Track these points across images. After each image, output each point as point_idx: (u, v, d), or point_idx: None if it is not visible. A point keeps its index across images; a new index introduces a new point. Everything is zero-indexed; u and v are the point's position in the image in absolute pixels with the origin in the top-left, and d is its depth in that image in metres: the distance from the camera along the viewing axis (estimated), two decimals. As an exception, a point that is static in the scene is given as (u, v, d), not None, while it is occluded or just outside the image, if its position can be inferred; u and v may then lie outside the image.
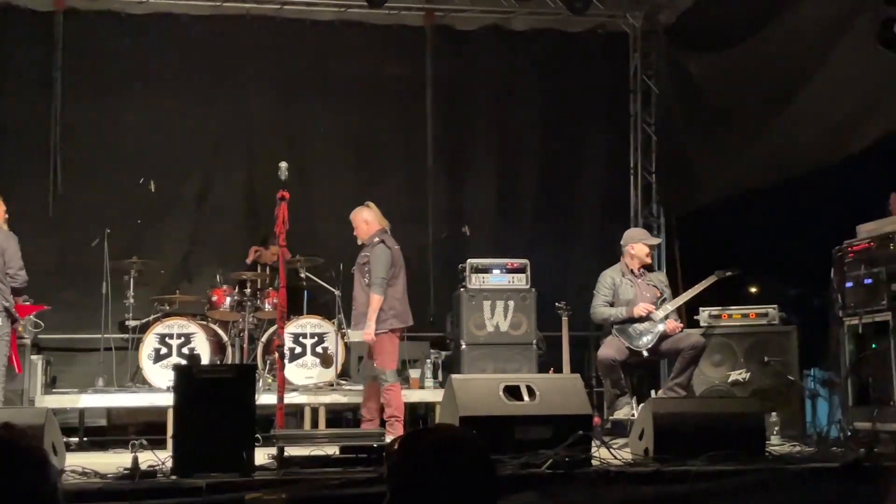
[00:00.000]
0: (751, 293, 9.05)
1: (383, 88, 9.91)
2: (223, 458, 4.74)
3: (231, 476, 4.63)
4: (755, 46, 7.89)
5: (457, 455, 1.78)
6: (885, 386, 6.16)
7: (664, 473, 4.89)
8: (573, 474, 4.81)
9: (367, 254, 7.27)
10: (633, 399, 7.06)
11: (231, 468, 4.68)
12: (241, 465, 4.71)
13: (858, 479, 4.98)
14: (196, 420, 4.84)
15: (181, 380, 4.97)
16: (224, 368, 6.09)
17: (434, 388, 8.07)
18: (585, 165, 10.46)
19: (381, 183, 9.83)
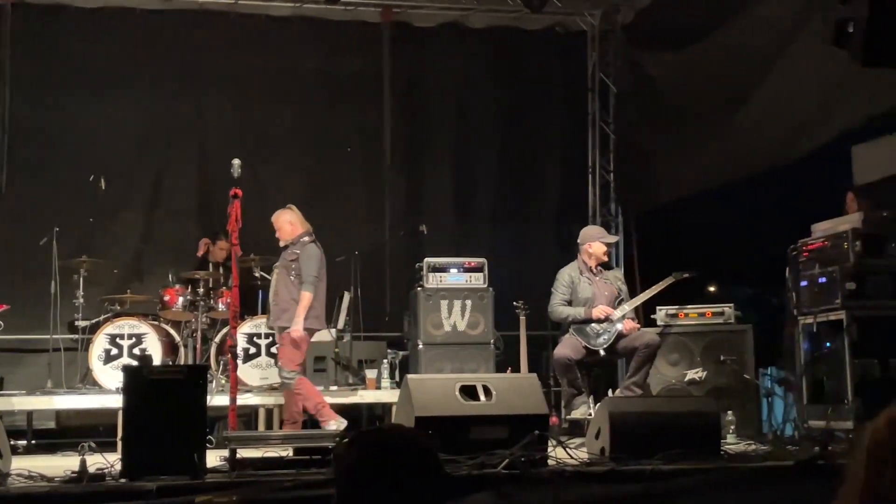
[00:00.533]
0: (709, 292, 9.13)
1: (340, 85, 9.87)
2: (174, 460, 4.68)
3: (181, 479, 4.57)
4: (712, 45, 7.97)
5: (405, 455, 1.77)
6: (838, 384, 6.25)
7: (620, 473, 4.90)
8: (529, 474, 4.80)
9: (298, 251, 7.27)
10: (590, 398, 7.10)
11: (182, 471, 4.63)
12: (192, 468, 4.65)
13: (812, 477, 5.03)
14: (146, 422, 4.78)
15: (131, 381, 4.90)
16: (175, 369, 6.02)
17: (391, 389, 8.05)
18: (544, 164, 10.50)
19: (337, 181, 9.82)
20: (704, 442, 5.46)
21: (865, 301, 6.28)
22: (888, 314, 6.30)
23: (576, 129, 10.57)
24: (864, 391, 6.10)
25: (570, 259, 7.68)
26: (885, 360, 6.24)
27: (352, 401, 8.14)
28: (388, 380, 8.22)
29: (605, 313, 7.23)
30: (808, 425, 6.43)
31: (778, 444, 6.22)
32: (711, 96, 8.16)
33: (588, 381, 7.39)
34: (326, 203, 9.72)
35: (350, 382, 8.38)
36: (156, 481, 4.48)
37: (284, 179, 9.66)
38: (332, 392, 8.10)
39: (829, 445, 5.76)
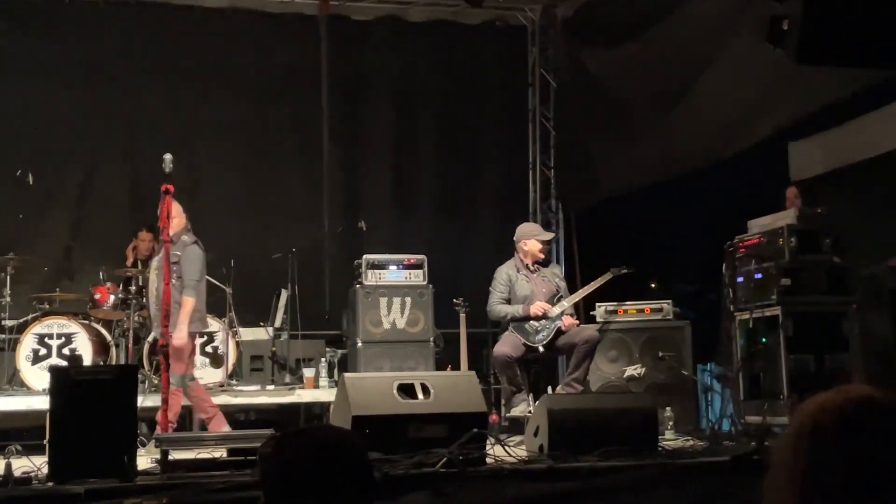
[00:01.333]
0: (651, 288, 9.25)
1: (277, 78, 9.80)
2: (103, 462, 4.61)
3: (111, 482, 4.51)
4: (651, 41, 8.06)
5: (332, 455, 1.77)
6: (775, 380, 6.37)
7: (558, 470, 4.95)
8: (467, 473, 4.83)
9: (179, 253, 6.88)
10: (529, 396, 7.14)
11: (111, 473, 4.56)
12: (122, 470, 4.59)
13: (749, 472, 5.12)
14: (74, 424, 4.70)
15: (58, 382, 4.82)
16: (104, 370, 5.94)
17: (329, 388, 8.03)
18: (484, 160, 10.54)
19: (274, 176, 9.75)
20: (642, 438, 5.53)
21: (800, 297, 6.40)
22: (823, 309, 6.44)
23: (516, 124, 10.63)
24: (800, 386, 6.22)
25: (511, 256, 7.72)
26: (820, 355, 6.37)
27: (289, 400, 8.10)
28: (327, 379, 8.20)
29: (543, 310, 7.29)
30: (744, 421, 6.54)
31: (715, 440, 6.33)
32: (649, 93, 8.26)
33: (528, 379, 7.43)
34: (263, 199, 9.67)
35: (287, 382, 8.34)
36: (84, 484, 4.42)
37: (219, 175, 9.58)
38: (269, 391, 8.06)
39: (765, 441, 5.89)
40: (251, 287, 8.71)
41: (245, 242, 9.12)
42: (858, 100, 6.98)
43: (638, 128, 8.55)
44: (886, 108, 7.24)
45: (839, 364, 6.35)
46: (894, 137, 7.11)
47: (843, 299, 6.49)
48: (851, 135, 7.62)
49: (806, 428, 1.46)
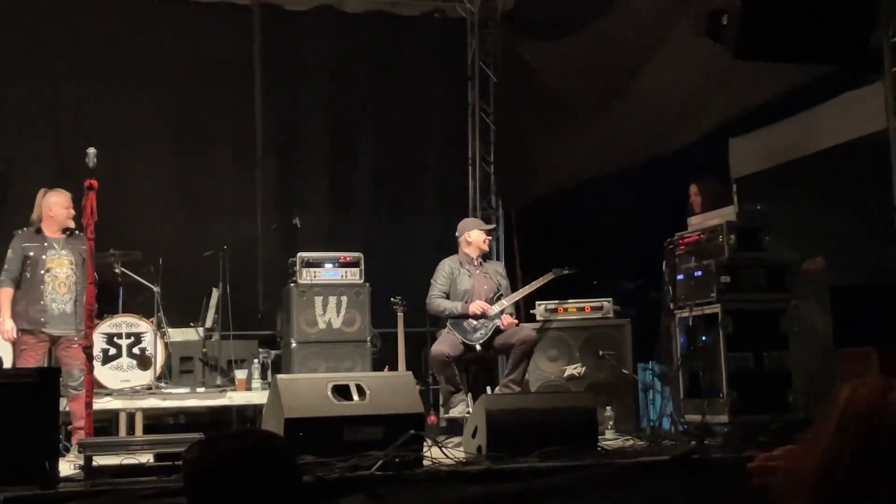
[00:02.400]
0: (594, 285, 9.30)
1: (208, 70, 9.69)
2: (23, 469, 4.54)
3: (31, 489, 4.45)
4: (591, 34, 8.12)
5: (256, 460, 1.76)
6: (714, 378, 6.47)
7: (496, 472, 4.99)
8: (403, 475, 4.85)
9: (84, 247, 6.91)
10: (468, 396, 7.18)
11: (32, 480, 4.50)
12: (44, 477, 4.53)
13: (688, 471, 5.21)
14: (-7, 430, 4.62)
15: (-26, 386, 4.73)
16: (24, 373, 5.82)
17: (262, 390, 7.96)
18: (423, 155, 10.55)
19: (205, 170, 9.66)
20: (582, 438, 5.60)
21: (740, 294, 6.51)
22: (762, 307, 6.56)
23: (456, 118, 10.65)
24: (739, 384, 6.34)
25: (451, 254, 7.75)
26: (759, 353, 6.48)
27: (220, 403, 8.03)
28: (260, 380, 8.14)
29: (482, 309, 7.33)
30: (684, 420, 6.65)
31: (654, 439, 6.42)
32: (589, 87, 8.33)
33: (467, 379, 7.48)
34: (193, 194, 9.58)
35: (218, 384, 8.27)
36: (3, 492, 4.35)
37: (147, 170, 9.45)
38: (200, 394, 7.98)
39: (704, 439, 6.00)
40: (181, 286, 8.61)
41: (174, 240, 9.03)
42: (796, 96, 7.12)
43: (578, 123, 8.62)
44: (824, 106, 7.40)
45: (778, 362, 6.47)
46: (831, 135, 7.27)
47: (782, 296, 6.61)
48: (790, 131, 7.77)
49: (852, 414, 1.49)
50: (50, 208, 7.03)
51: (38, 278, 6.92)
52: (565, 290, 8.10)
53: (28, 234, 7.02)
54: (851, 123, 7.03)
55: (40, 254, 6.95)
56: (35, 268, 6.93)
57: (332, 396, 5.36)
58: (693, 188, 7.80)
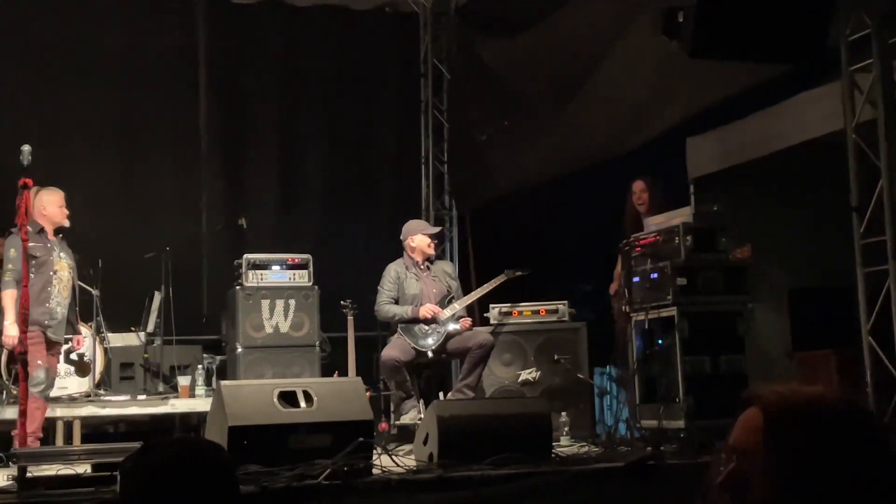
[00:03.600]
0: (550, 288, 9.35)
1: (150, 63, 9.61)
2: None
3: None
4: (546, 31, 8.18)
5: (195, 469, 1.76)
6: (670, 382, 6.53)
7: (447, 480, 4.99)
8: (352, 484, 4.84)
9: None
10: (420, 402, 7.19)
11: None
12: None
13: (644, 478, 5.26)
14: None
15: None
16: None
17: (206, 397, 7.91)
18: (375, 153, 10.55)
19: (147, 169, 9.57)
20: (536, 444, 5.62)
21: (696, 297, 6.58)
22: (718, 309, 6.63)
23: (409, 116, 10.66)
24: (695, 389, 6.41)
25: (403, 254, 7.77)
26: (716, 356, 6.55)
27: (163, 411, 7.98)
28: (204, 387, 8.10)
29: (432, 312, 7.35)
30: (640, 425, 6.71)
31: (610, 445, 6.47)
32: (544, 85, 8.38)
33: (418, 384, 7.49)
34: (135, 193, 9.48)
35: (161, 391, 8.21)
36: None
37: (86, 168, 9.33)
38: (141, 401, 7.92)
39: (660, 445, 6.06)
40: (121, 289, 8.54)
41: (114, 241, 8.93)
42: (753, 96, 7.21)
43: (532, 122, 8.67)
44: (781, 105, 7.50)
45: (735, 365, 6.55)
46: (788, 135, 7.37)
47: (739, 298, 6.69)
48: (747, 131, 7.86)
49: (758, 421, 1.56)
50: (44, 207, 6.99)
51: (46, 280, 6.89)
52: (520, 293, 8.13)
53: (31, 234, 6.88)
54: (809, 123, 7.13)
55: (47, 255, 6.93)
56: (43, 270, 6.89)
57: (278, 403, 5.34)
58: (639, 184, 7.86)
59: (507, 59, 8.90)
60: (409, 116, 10.66)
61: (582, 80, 7.79)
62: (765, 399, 1.60)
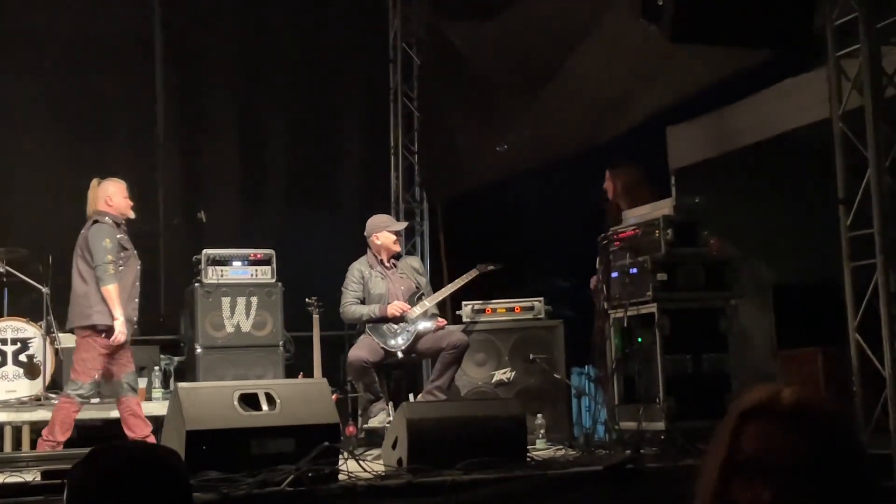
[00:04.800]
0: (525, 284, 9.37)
1: (101, 45, 9.52)
2: None
3: None
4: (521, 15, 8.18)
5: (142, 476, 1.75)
6: (650, 382, 6.55)
7: (417, 485, 5.00)
8: (317, 491, 4.84)
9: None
10: (389, 405, 7.19)
11: None
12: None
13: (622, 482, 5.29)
14: None
15: None
16: None
17: (164, 400, 7.87)
18: (342, 143, 10.54)
19: (99, 158, 9.47)
20: (510, 448, 5.64)
21: (677, 293, 6.60)
22: (700, 306, 6.66)
23: (377, 104, 10.65)
24: (676, 389, 6.44)
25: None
26: (698, 355, 6.58)
27: (117, 415, 7.90)
28: (161, 390, 8.07)
29: (401, 310, 7.35)
30: (619, 427, 6.73)
31: (588, 448, 6.50)
32: (518, 72, 8.39)
33: (387, 386, 7.50)
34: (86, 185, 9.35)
35: (115, 393, 8.15)
36: None
37: (33, 158, 9.25)
38: (94, 405, 7.85)
39: (640, 448, 6.08)
40: (73, 286, 8.48)
41: (65, 235, 8.77)
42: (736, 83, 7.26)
43: (507, 110, 8.68)
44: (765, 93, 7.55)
45: (718, 364, 6.59)
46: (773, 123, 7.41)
47: (721, 294, 6.72)
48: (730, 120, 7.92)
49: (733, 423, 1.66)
50: (109, 198, 7.13)
51: (135, 275, 7.14)
52: (494, 289, 8.14)
53: (114, 226, 7.07)
54: (794, 112, 7.18)
55: (131, 248, 7.12)
56: (131, 262, 7.12)
57: (238, 406, 5.32)
58: (607, 174, 7.88)
59: (479, 44, 8.90)
60: (377, 104, 10.65)
61: (557, 66, 7.80)
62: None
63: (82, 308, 6.93)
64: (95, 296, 6.88)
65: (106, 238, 6.94)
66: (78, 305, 6.97)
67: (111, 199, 7.13)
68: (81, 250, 7.03)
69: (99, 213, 7.08)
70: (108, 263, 6.88)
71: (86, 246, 6.99)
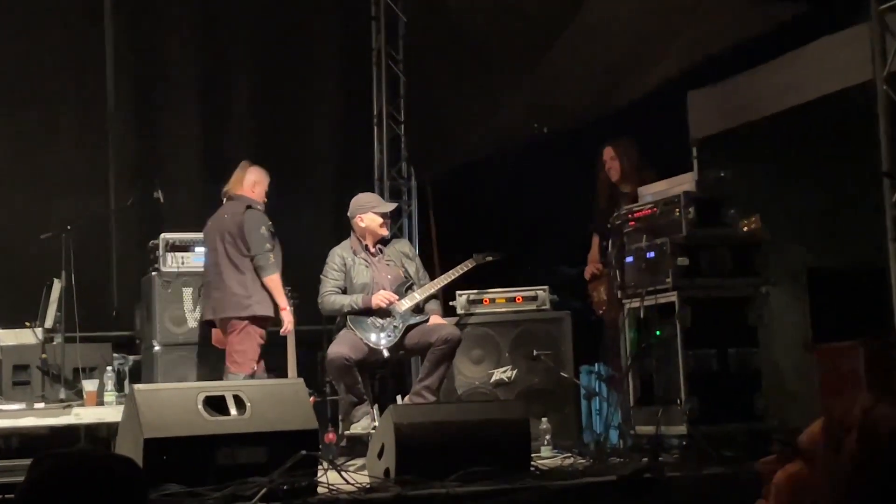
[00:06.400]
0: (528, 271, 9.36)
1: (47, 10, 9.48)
2: None
3: None
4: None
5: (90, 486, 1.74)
6: (670, 381, 6.56)
7: (407, 499, 5.02)
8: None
9: None
10: (374, 408, 7.20)
11: None
12: None
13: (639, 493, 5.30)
14: None
15: None
16: None
17: (118, 405, 7.86)
18: (317, 112, 10.51)
19: (42, 133, 9.47)
20: (511, 456, 5.67)
21: (700, 279, 6.59)
22: (727, 295, 6.66)
23: (357, 67, 10.61)
24: (699, 388, 6.44)
25: (350, 234, 7.76)
26: (724, 350, 6.58)
27: (65, 422, 7.88)
28: (114, 393, 8.05)
29: (387, 300, 7.34)
30: (634, 432, 6.74)
31: (599, 456, 6.50)
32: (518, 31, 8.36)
33: (372, 387, 7.50)
34: (28, 164, 9.39)
35: (62, 398, 8.13)
36: None
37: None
38: (39, 411, 7.85)
39: (658, 455, 6.09)
40: (13, 276, 8.52)
41: (4, 220, 8.86)
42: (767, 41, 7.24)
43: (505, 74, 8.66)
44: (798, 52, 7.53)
45: (746, 360, 6.59)
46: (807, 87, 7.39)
47: (750, 281, 6.72)
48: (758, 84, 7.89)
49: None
50: (254, 184, 7.83)
51: (280, 264, 7.65)
52: (492, 277, 8.14)
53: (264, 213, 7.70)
54: (831, 73, 7.16)
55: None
56: (278, 252, 7.69)
57: (203, 411, 5.32)
58: (609, 151, 7.86)
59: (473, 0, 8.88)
60: (358, 68, 10.61)
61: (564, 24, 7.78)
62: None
63: (239, 299, 7.48)
64: (253, 285, 7.46)
65: (262, 226, 7.57)
66: (233, 296, 7.49)
67: (255, 187, 7.73)
68: (232, 237, 7.54)
69: (247, 198, 7.66)
70: (269, 252, 7.51)
71: (238, 233, 7.52)
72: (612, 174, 7.84)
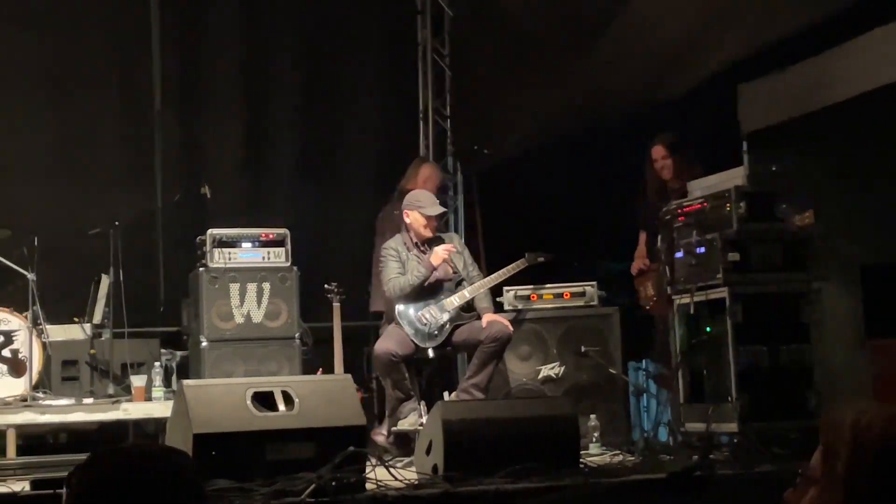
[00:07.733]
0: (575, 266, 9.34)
1: (92, 6, 9.57)
2: None
3: None
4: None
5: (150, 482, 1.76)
6: (721, 378, 6.54)
7: (455, 496, 5.03)
8: (341, 501, 4.87)
9: None
10: (421, 404, 7.20)
11: None
12: None
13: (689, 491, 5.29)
14: None
15: None
16: None
17: (165, 400, 7.94)
18: (362, 107, 10.50)
19: (89, 128, 9.54)
20: (560, 453, 5.68)
21: (751, 275, 6.57)
22: (778, 290, 6.62)
23: (403, 62, 10.61)
24: (750, 385, 6.41)
25: (397, 229, 7.76)
26: (776, 346, 6.55)
27: (113, 417, 7.97)
28: (162, 388, 8.12)
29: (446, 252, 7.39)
30: (684, 429, 6.72)
31: (649, 454, 6.49)
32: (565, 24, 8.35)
33: (419, 383, 7.50)
34: (75, 159, 9.46)
35: (111, 393, 8.22)
36: None
37: (16, 129, 9.30)
38: (87, 406, 7.93)
39: (709, 453, 6.07)
40: (62, 272, 8.55)
41: (52, 215, 8.93)
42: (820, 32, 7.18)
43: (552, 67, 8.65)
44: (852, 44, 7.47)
45: (798, 357, 6.55)
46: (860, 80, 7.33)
47: (802, 277, 6.68)
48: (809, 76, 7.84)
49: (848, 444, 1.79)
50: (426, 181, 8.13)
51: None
52: (539, 273, 8.12)
53: None
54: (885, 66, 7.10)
55: None
56: None
57: (251, 406, 5.36)
58: (659, 149, 7.82)
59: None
60: (404, 62, 10.62)
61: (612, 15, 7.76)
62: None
63: None
64: None
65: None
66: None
67: (427, 183, 7.98)
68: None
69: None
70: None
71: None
72: (664, 172, 7.82)
